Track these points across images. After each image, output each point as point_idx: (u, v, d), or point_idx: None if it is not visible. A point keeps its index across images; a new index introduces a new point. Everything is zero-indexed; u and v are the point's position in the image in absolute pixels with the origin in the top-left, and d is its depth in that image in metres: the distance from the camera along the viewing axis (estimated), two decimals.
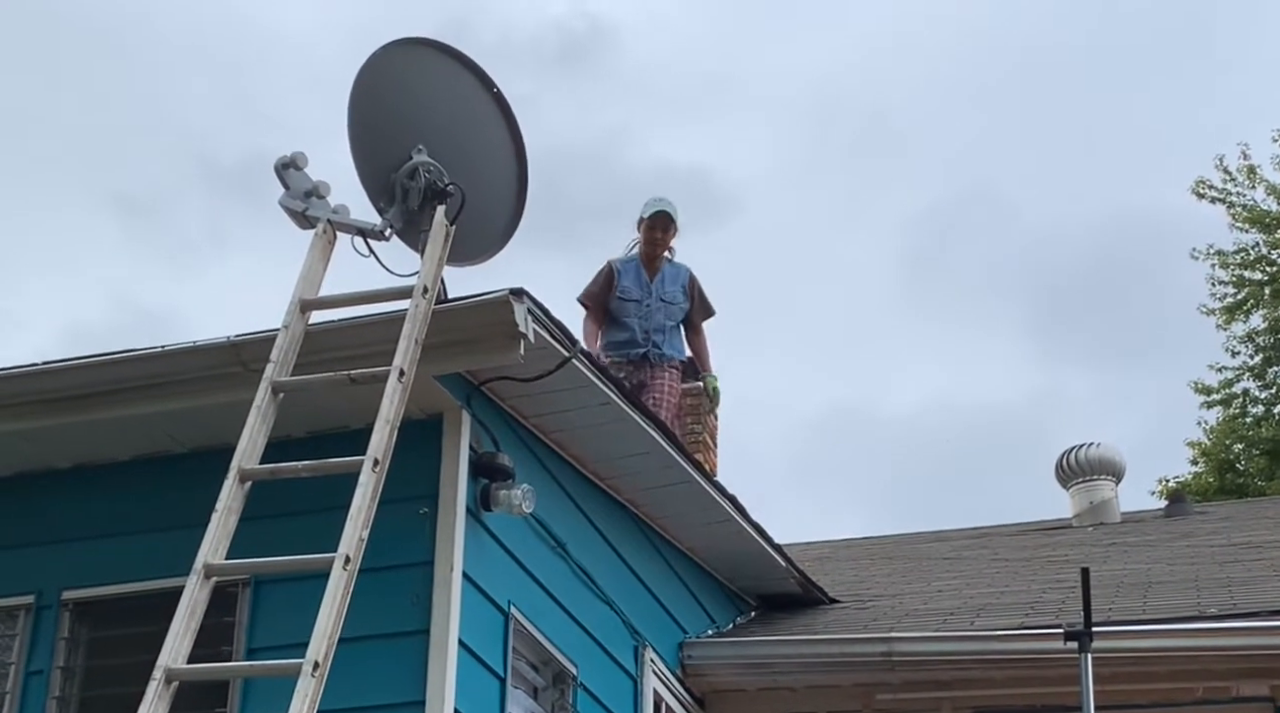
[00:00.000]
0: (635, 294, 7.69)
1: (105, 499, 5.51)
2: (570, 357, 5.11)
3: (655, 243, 7.71)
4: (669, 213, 7.69)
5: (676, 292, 7.75)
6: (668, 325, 7.71)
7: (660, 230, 7.68)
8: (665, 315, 7.71)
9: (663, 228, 7.68)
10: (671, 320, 7.73)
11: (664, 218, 7.66)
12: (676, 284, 7.76)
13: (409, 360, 4.56)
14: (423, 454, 5.07)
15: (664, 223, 7.67)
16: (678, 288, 7.76)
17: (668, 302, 7.70)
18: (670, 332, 7.71)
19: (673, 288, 7.75)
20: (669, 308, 7.71)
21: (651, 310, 7.68)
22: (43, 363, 5.30)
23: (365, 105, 5.17)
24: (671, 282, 7.75)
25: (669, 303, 7.70)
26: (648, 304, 7.67)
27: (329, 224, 5.08)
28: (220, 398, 5.02)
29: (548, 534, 5.74)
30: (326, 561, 4.20)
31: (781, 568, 7.36)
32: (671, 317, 7.73)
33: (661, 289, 7.72)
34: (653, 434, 5.92)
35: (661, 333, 7.67)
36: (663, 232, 7.69)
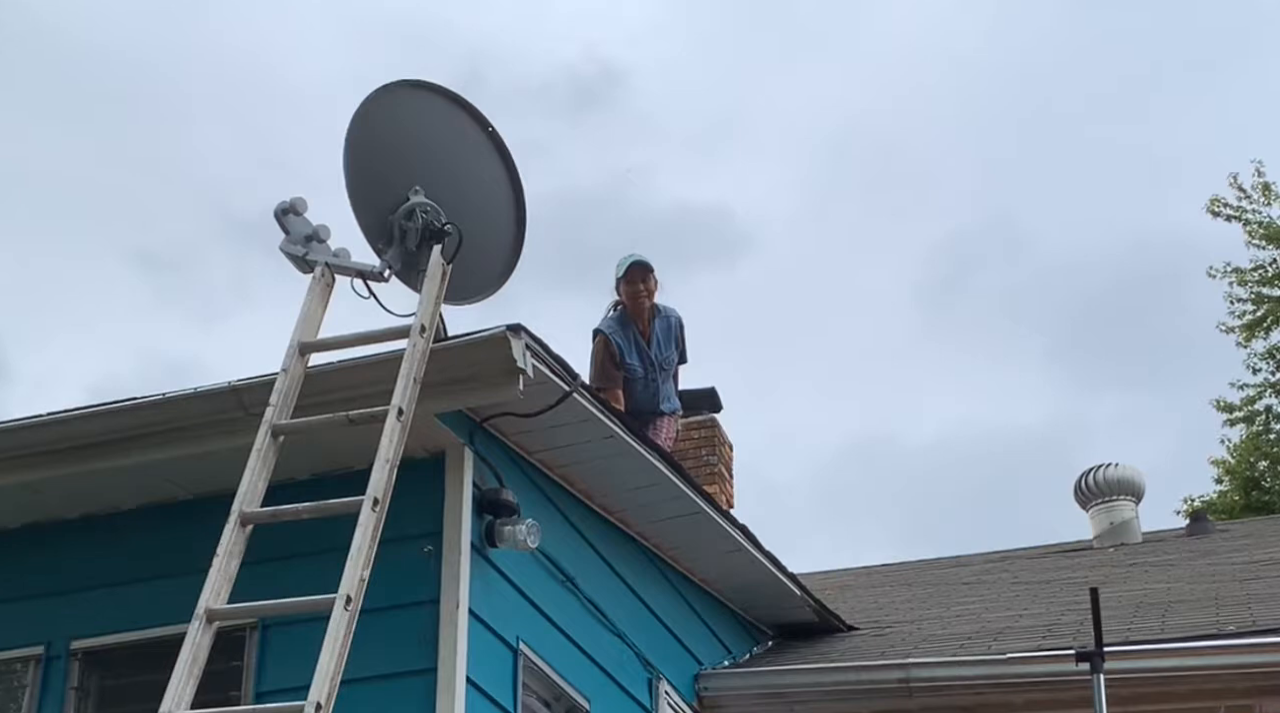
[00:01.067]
0: (639, 371, 7.64)
1: (113, 548, 5.52)
2: (571, 391, 5.11)
3: (639, 296, 7.56)
4: (644, 261, 7.56)
5: (670, 352, 7.75)
6: (663, 385, 7.75)
7: (640, 281, 7.55)
8: (664, 380, 7.75)
9: (642, 278, 7.55)
10: (669, 383, 7.81)
11: (640, 268, 7.52)
12: (669, 341, 7.72)
13: (408, 399, 4.57)
14: (426, 492, 5.07)
15: (642, 272, 7.54)
16: (670, 346, 7.74)
17: (666, 367, 7.73)
18: (668, 388, 7.78)
19: (667, 350, 7.73)
20: (666, 373, 7.76)
21: (652, 378, 7.69)
22: (47, 414, 5.32)
23: (361, 148, 5.20)
24: (664, 340, 7.69)
25: (666, 368, 7.74)
26: (651, 378, 7.66)
27: (327, 267, 5.11)
28: (223, 443, 5.03)
29: (556, 569, 5.72)
30: (327, 602, 4.19)
31: (796, 596, 7.32)
32: (668, 378, 7.79)
33: (659, 354, 7.69)
34: (659, 466, 5.91)
35: (666, 398, 7.75)
36: (643, 281, 7.56)
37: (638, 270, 7.48)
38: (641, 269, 7.49)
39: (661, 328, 7.61)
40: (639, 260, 7.50)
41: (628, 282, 7.51)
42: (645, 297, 7.55)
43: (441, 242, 5.06)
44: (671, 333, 7.67)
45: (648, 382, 7.62)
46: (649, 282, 7.55)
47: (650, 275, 7.54)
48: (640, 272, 7.49)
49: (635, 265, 7.48)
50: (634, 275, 7.48)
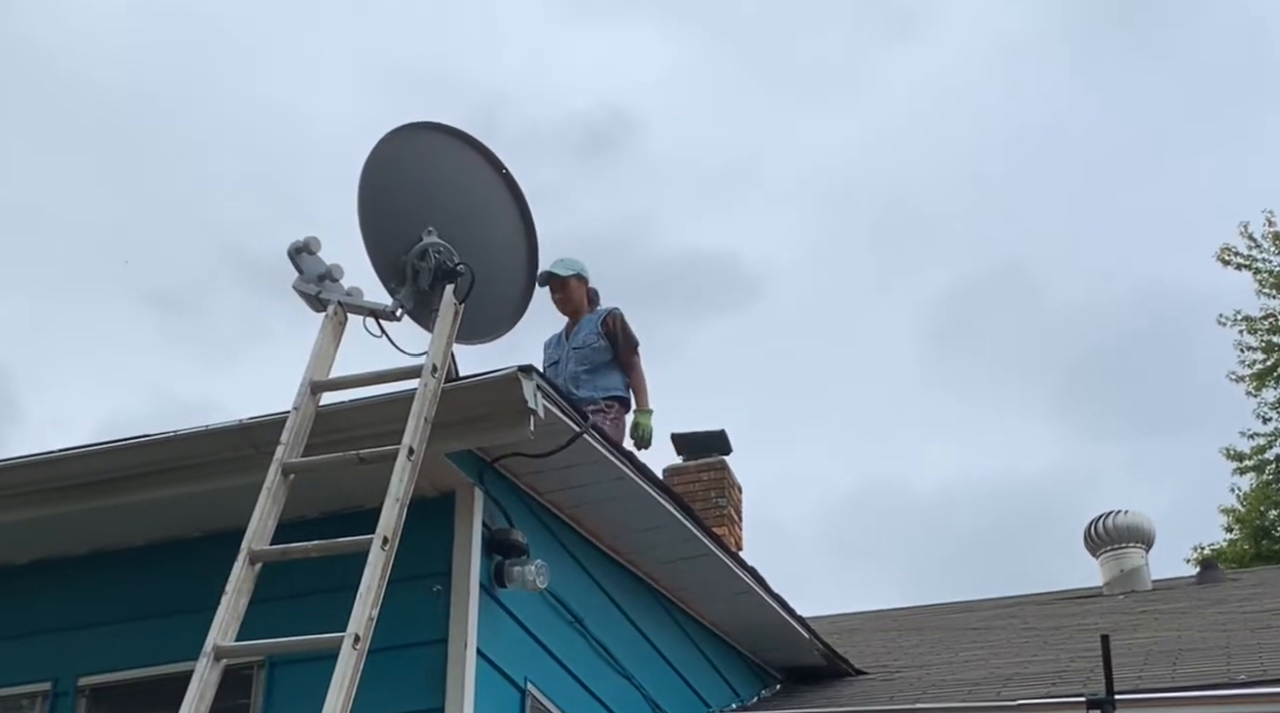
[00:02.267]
0: (554, 357, 7.55)
1: (121, 584, 5.53)
2: (581, 432, 5.12)
3: (562, 304, 7.58)
4: (550, 272, 7.44)
5: (590, 336, 7.50)
6: (580, 371, 7.44)
7: (555, 292, 7.54)
8: (578, 361, 7.47)
9: (556, 289, 7.53)
10: (586, 364, 7.45)
11: (551, 280, 7.47)
12: (591, 327, 7.52)
13: (418, 438, 4.58)
14: (436, 531, 5.08)
15: (556, 284, 7.52)
16: (591, 331, 7.51)
17: (579, 348, 7.48)
18: (586, 376, 7.42)
19: (586, 334, 7.52)
20: (581, 353, 7.47)
21: (565, 362, 7.48)
22: (58, 450, 5.34)
23: (375, 189, 5.23)
24: (587, 327, 7.53)
25: (580, 349, 7.47)
26: (564, 360, 7.49)
27: (340, 306, 5.14)
28: (233, 480, 5.04)
29: (565, 610, 5.71)
30: (335, 640, 4.19)
31: (805, 639, 7.29)
32: (586, 361, 7.45)
33: (576, 340, 7.52)
34: (669, 507, 5.90)
35: (575, 380, 7.39)
36: (559, 292, 7.54)
37: (552, 284, 7.49)
38: (551, 281, 7.47)
39: (588, 321, 7.51)
40: (545, 274, 7.27)
41: (549, 292, 7.51)
42: (565, 305, 7.55)
43: (454, 281, 5.08)
44: (594, 323, 7.50)
45: (560, 366, 7.45)
46: (565, 290, 7.53)
47: (568, 283, 7.53)
48: (554, 285, 7.50)
49: (548, 281, 7.43)
50: (551, 289, 7.50)
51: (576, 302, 7.54)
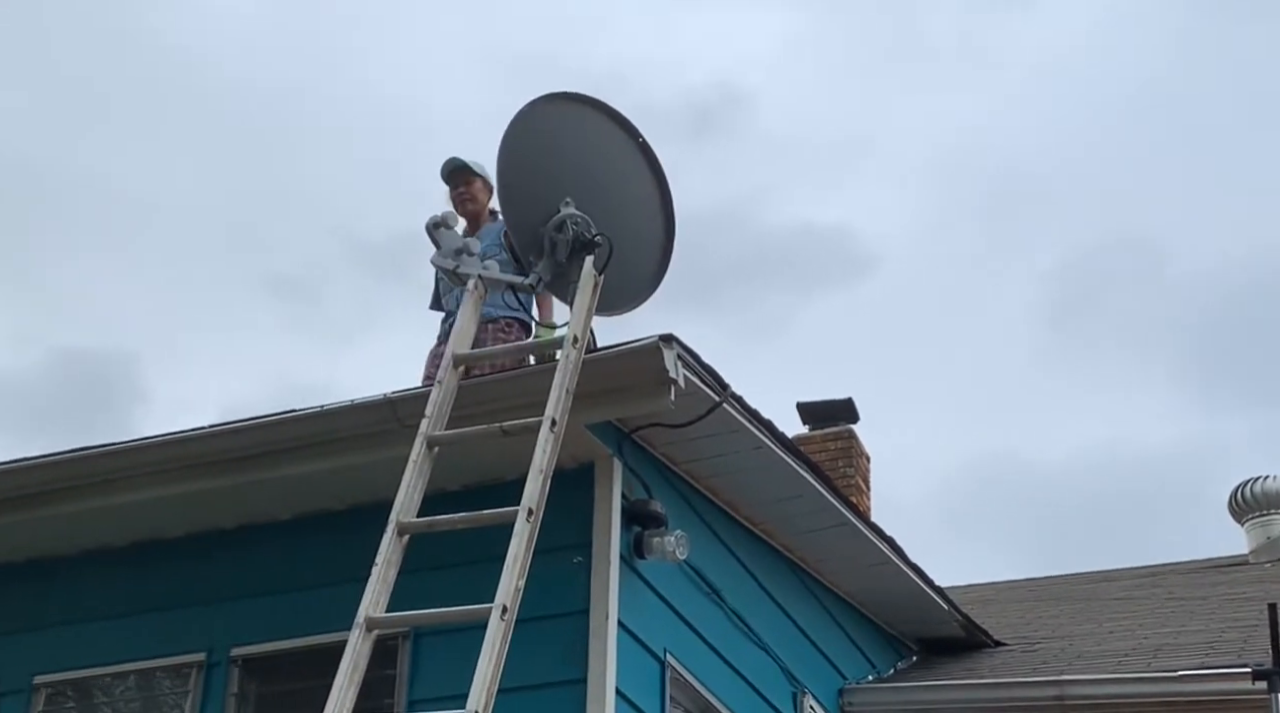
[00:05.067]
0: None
1: (270, 557, 5.63)
2: (721, 401, 5.09)
3: (463, 200, 6.66)
4: (461, 164, 6.68)
5: (490, 247, 6.51)
6: None
7: (462, 184, 6.67)
8: None
9: (464, 182, 6.67)
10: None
11: (457, 172, 6.68)
12: (492, 239, 6.59)
13: (560, 410, 4.59)
14: (575, 503, 5.09)
15: (461, 177, 6.68)
16: (493, 243, 6.58)
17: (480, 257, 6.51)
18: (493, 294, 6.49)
19: (487, 245, 6.53)
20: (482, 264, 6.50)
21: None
22: (207, 426, 5.45)
23: (513, 162, 5.22)
24: (488, 238, 6.58)
25: (482, 258, 6.23)
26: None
27: (480, 280, 5.16)
28: (378, 454, 5.10)
29: (702, 581, 5.71)
30: (484, 611, 4.22)
31: (943, 610, 7.21)
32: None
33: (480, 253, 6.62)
34: (807, 477, 5.86)
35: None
36: (465, 185, 6.68)
37: (457, 175, 6.69)
38: (459, 173, 6.69)
39: (489, 230, 6.64)
40: (454, 166, 6.70)
41: (451, 187, 6.72)
42: (468, 201, 6.69)
43: (592, 253, 5.06)
44: (496, 233, 6.56)
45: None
46: (472, 184, 6.69)
47: (475, 179, 6.69)
48: (459, 177, 6.69)
49: (452, 173, 6.70)
50: (454, 180, 6.70)
51: (480, 203, 6.71)
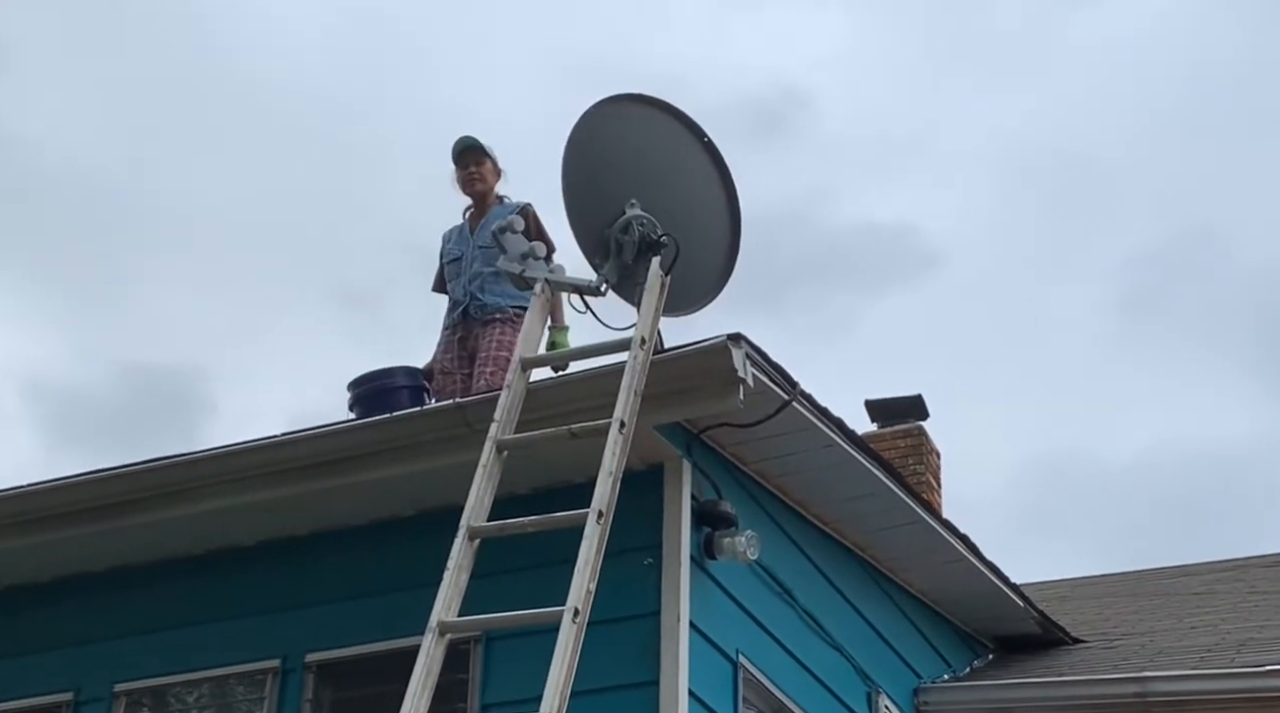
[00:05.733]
0: (456, 252, 6.58)
1: (343, 563, 5.67)
2: (790, 400, 5.06)
3: (471, 180, 6.56)
4: (473, 142, 6.57)
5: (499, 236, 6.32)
6: (486, 273, 6.33)
7: (473, 163, 6.56)
8: (484, 262, 6.36)
9: (475, 162, 6.56)
10: (493, 265, 6.13)
11: (469, 151, 6.57)
12: (499, 222, 6.21)
13: (629, 412, 4.57)
14: (645, 505, 5.08)
15: (473, 156, 6.56)
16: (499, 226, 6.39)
17: (486, 246, 6.35)
18: (491, 279, 6.30)
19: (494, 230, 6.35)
20: (488, 252, 6.27)
21: (470, 261, 6.49)
22: (280, 435, 5.49)
23: (578, 164, 5.21)
24: (494, 222, 6.28)
25: (488, 247, 6.31)
26: (469, 258, 6.50)
27: (546, 283, 5.17)
28: (448, 459, 5.13)
29: (774, 581, 5.68)
30: (556, 614, 4.21)
31: (1019, 607, 7.13)
32: (493, 260, 6.12)
33: (482, 236, 6.47)
34: (879, 475, 5.82)
35: (480, 284, 6.38)
36: (476, 165, 6.56)
37: (468, 154, 6.57)
38: (470, 153, 6.58)
39: (497, 214, 6.46)
40: (466, 145, 6.59)
41: (459, 166, 6.61)
42: (477, 181, 6.57)
43: (658, 253, 5.05)
44: (504, 216, 6.22)
45: (462, 263, 6.49)
46: (483, 165, 6.59)
47: (485, 159, 6.60)
48: (471, 156, 6.57)
49: (464, 151, 6.59)
50: (465, 159, 6.58)
51: (489, 184, 6.61)
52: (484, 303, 6.30)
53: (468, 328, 6.33)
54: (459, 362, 6.31)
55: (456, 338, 6.36)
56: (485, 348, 6.21)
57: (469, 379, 6.22)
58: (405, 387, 6.31)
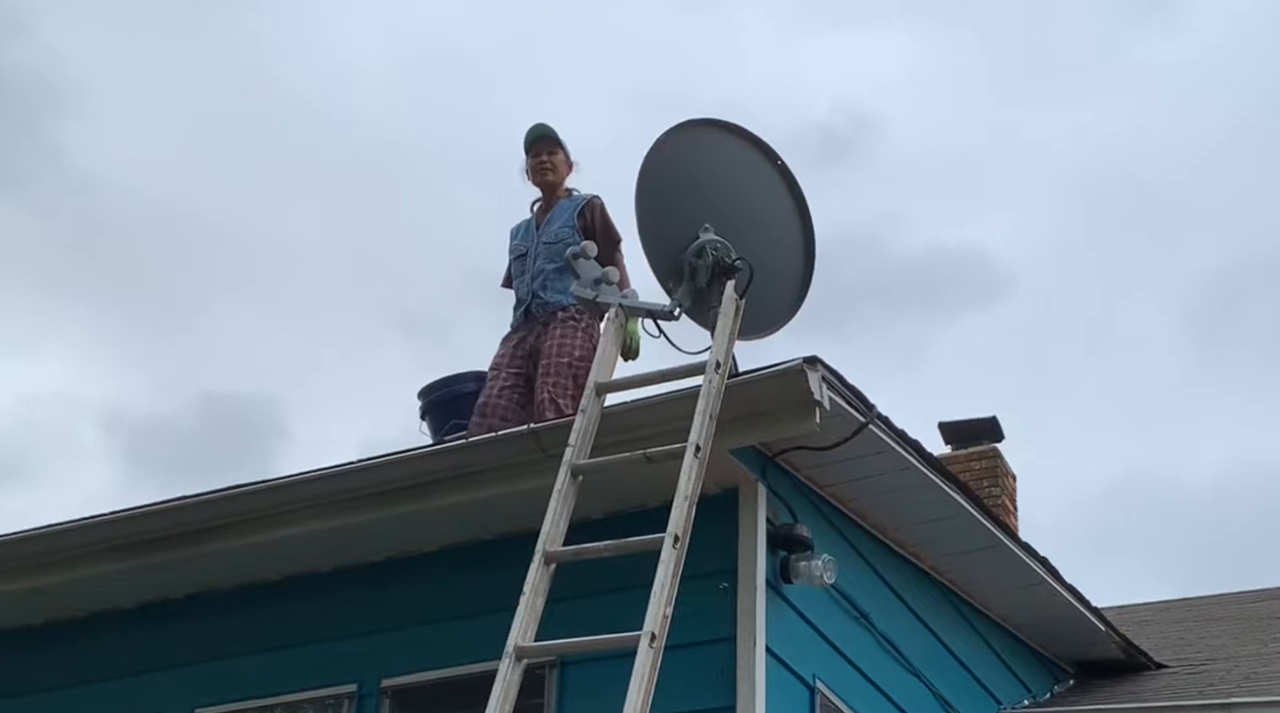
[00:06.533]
0: (521, 248, 6.48)
1: (418, 588, 5.68)
2: (867, 423, 5.02)
3: (543, 169, 6.46)
4: (547, 130, 6.49)
5: (563, 229, 6.35)
6: (550, 270, 6.27)
7: (545, 153, 6.46)
8: (547, 258, 6.31)
9: (548, 151, 6.46)
10: (557, 261, 6.18)
11: (542, 139, 6.47)
12: (565, 219, 6.40)
13: (704, 436, 4.56)
14: (720, 529, 5.05)
15: (546, 145, 6.46)
16: (565, 223, 6.38)
17: (551, 242, 6.31)
18: (555, 276, 6.23)
19: (559, 226, 6.38)
20: (553, 248, 6.28)
21: (534, 258, 6.38)
22: (356, 461, 5.52)
23: (651, 190, 5.21)
24: (560, 218, 6.40)
25: (553, 243, 6.29)
26: (533, 254, 6.40)
27: (620, 308, 5.18)
28: (522, 484, 5.13)
29: (850, 605, 5.63)
30: (632, 639, 4.20)
31: (1100, 632, 7.02)
32: (557, 258, 6.18)
33: (547, 231, 6.39)
34: (957, 498, 5.75)
35: (543, 281, 6.30)
36: (549, 154, 6.46)
37: (541, 143, 6.48)
38: (544, 141, 6.48)
39: (563, 208, 6.45)
40: (541, 133, 6.51)
41: (531, 154, 6.51)
42: (549, 170, 6.47)
43: (732, 277, 5.04)
44: (570, 211, 6.42)
45: (527, 260, 6.41)
46: (555, 154, 6.49)
47: (558, 149, 6.51)
48: (544, 144, 6.47)
49: (537, 139, 6.50)
50: (538, 148, 6.48)
51: (560, 175, 6.52)
52: (545, 301, 6.24)
53: (529, 326, 6.29)
54: (511, 359, 6.26)
55: (517, 336, 6.33)
56: (546, 353, 6.13)
57: (518, 377, 6.18)
58: (474, 391, 6.36)
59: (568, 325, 6.15)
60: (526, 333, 6.29)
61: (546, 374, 6.08)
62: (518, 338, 6.32)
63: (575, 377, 6.04)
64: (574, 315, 6.17)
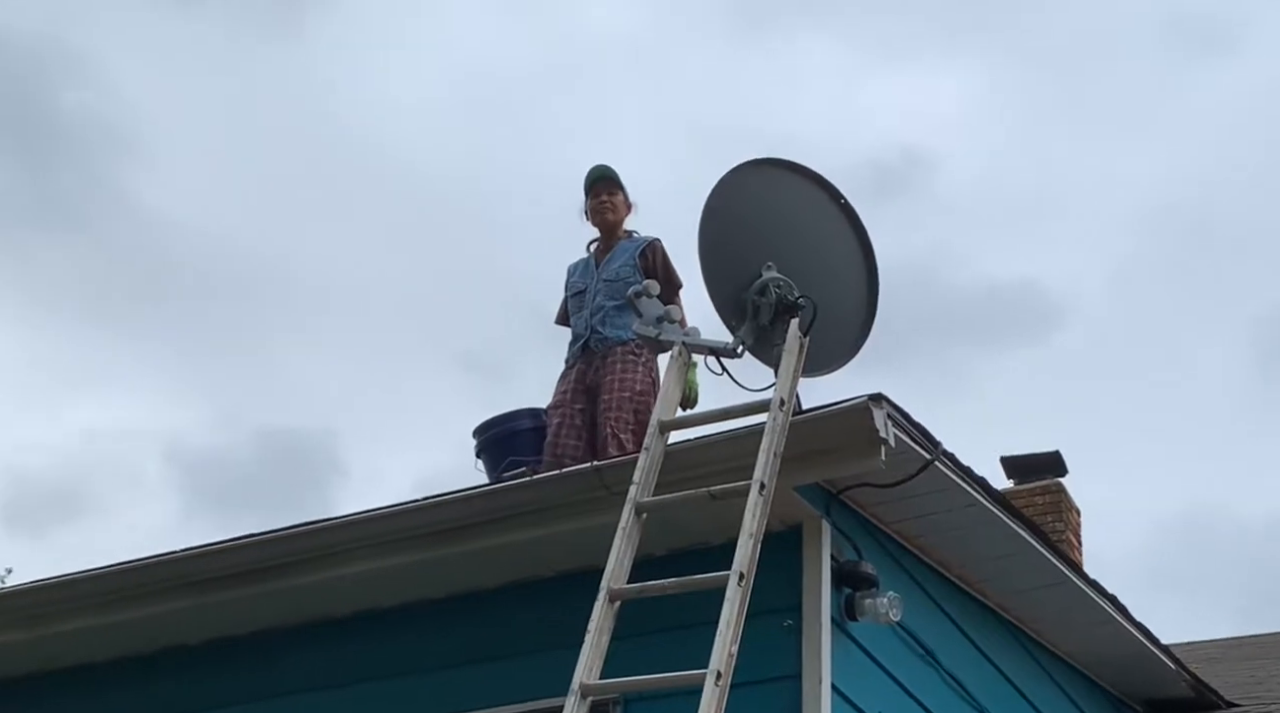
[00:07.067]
0: (580, 285, 6.59)
1: (481, 625, 5.68)
2: (933, 460, 5.00)
3: (603, 209, 6.58)
4: (607, 171, 6.60)
5: (624, 268, 6.45)
6: (610, 307, 6.37)
7: (605, 193, 6.58)
8: (607, 295, 6.41)
9: (607, 191, 6.58)
10: (617, 299, 6.29)
11: (602, 180, 6.59)
12: (626, 258, 6.51)
13: (769, 473, 4.56)
14: (784, 566, 5.03)
15: (606, 186, 6.58)
16: (626, 262, 6.48)
17: (612, 280, 6.43)
18: (614, 312, 6.33)
19: (619, 265, 6.49)
20: (613, 286, 6.39)
21: (593, 295, 6.49)
22: (420, 499, 5.54)
23: (714, 228, 5.23)
24: (621, 257, 6.52)
25: (613, 281, 6.41)
26: (592, 291, 6.50)
27: (683, 346, 5.19)
28: (585, 522, 5.14)
29: (916, 642, 5.58)
30: (698, 677, 4.20)
31: (1170, 670, 6.92)
32: (617, 295, 6.28)
33: (607, 269, 6.52)
34: (1024, 534, 5.71)
35: (602, 318, 6.39)
36: (609, 194, 6.58)
37: (601, 184, 6.59)
38: (604, 183, 6.59)
39: (623, 248, 6.56)
40: (601, 174, 6.61)
41: (592, 194, 6.62)
42: (609, 211, 6.60)
43: (795, 315, 5.04)
44: (629, 252, 6.53)
45: (586, 297, 6.51)
46: (615, 195, 6.61)
47: (618, 191, 6.62)
48: (604, 185, 6.59)
49: (598, 179, 6.61)
50: (598, 188, 6.60)
51: (619, 216, 6.62)
52: (604, 336, 6.36)
53: (588, 362, 6.41)
54: (573, 395, 6.36)
55: (575, 372, 6.42)
56: (607, 388, 6.25)
57: (582, 415, 6.29)
58: (529, 429, 6.42)
59: (627, 360, 6.28)
60: (585, 368, 6.38)
61: (608, 409, 6.21)
62: (575, 374, 6.40)
63: (636, 411, 6.20)
64: (633, 350, 6.28)
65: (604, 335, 6.37)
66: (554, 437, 6.33)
